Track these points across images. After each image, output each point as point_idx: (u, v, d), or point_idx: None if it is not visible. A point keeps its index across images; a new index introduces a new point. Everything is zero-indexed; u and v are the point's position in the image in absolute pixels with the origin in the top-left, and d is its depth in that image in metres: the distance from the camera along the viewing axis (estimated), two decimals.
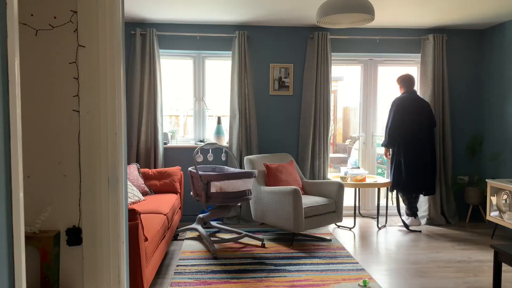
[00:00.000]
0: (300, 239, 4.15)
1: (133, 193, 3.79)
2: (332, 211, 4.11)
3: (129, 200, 3.67)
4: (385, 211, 4.76)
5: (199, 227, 4.03)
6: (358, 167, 4.79)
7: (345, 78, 10.95)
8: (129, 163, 4.53)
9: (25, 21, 1.78)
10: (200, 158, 4.20)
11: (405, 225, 4.57)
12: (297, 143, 4.97)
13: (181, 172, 4.51)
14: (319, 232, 4.43)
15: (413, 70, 5.35)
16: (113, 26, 1.82)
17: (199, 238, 4.18)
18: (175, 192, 4.28)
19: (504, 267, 3.41)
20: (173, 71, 5.22)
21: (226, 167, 4.25)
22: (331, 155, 5.19)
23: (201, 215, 4.08)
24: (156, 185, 4.27)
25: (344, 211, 4.75)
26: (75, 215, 1.85)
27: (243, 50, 4.71)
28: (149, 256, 2.70)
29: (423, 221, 4.81)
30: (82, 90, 1.83)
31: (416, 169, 4.45)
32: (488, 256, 3.70)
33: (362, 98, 5.22)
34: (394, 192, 4.72)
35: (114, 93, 1.84)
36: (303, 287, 3.00)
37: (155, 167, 4.71)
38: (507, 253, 2.54)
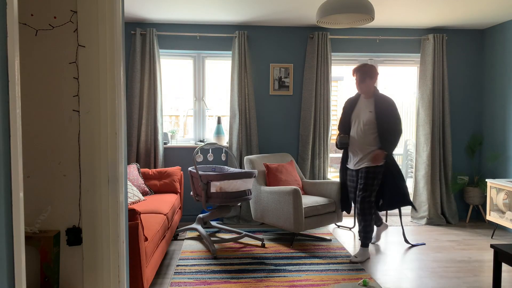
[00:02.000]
0: (300, 239, 4.15)
1: (133, 193, 3.79)
2: (332, 211, 4.11)
3: (129, 200, 3.67)
4: (385, 211, 4.75)
5: (199, 227, 4.03)
6: None
7: (345, 78, 10.95)
8: (129, 163, 4.53)
9: (25, 21, 1.78)
10: (200, 158, 4.20)
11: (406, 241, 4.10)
12: (297, 143, 4.97)
13: (181, 172, 4.51)
14: (319, 232, 4.43)
15: (413, 70, 5.36)
16: (113, 26, 1.82)
17: (199, 238, 4.18)
18: (175, 192, 4.28)
19: (504, 267, 3.41)
20: (173, 71, 5.22)
21: (226, 167, 4.25)
22: (331, 155, 5.19)
23: (201, 215, 4.08)
24: (156, 185, 4.27)
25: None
26: (75, 215, 1.85)
27: (243, 50, 4.71)
28: (149, 256, 2.70)
29: (423, 221, 4.81)
30: (82, 90, 1.83)
31: None
32: (488, 256, 3.70)
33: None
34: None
35: (114, 93, 1.84)
36: (303, 287, 3.00)
37: (155, 167, 4.71)
38: (507, 253, 2.54)
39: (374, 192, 3.60)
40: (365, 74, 3.59)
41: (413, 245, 3.99)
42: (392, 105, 3.62)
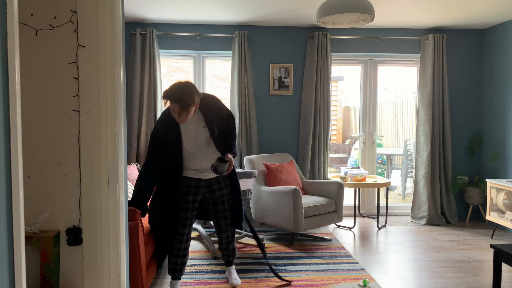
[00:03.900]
0: (300, 239, 4.15)
1: None
2: (332, 211, 4.11)
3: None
4: (385, 211, 4.75)
5: (199, 227, 4.03)
6: (358, 167, 4.79)
7: (345, 78, 10.97)
8: (129, 163, 4.53)
9: (25, 21, 1.78)
10: None
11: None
12: (297, 143, 4.97)
13: None
14: (319, 232, 4.43)
15: (413, 70, 5.36)
16: (113, 26, 1.82)
17: (199, 238, 4.18)
18: None
19: (504, 267, 3.41)
20: (173, 71, 5.22)
21: None
22: (331, 155, 5.18)
23: None
24: None
25: (344, 211, 4.75)
26: (75, 215, 1.85)
27: (243, 50, 4.71)
28: (149, 256, 2.70)
29: (423, 221, 4.81)
30: (82, 90, 1.83)
31: None
32: (488, 256, 3.70)
33: (362, 98, 5.22)
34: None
35: (114, 93, 1.84)
36: (303, 287, 3.00)
37: None
38: (507, 253, 2.54)
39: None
40: (187, 106, 2.52)
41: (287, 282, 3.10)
42: (217, 102, 2.86)
